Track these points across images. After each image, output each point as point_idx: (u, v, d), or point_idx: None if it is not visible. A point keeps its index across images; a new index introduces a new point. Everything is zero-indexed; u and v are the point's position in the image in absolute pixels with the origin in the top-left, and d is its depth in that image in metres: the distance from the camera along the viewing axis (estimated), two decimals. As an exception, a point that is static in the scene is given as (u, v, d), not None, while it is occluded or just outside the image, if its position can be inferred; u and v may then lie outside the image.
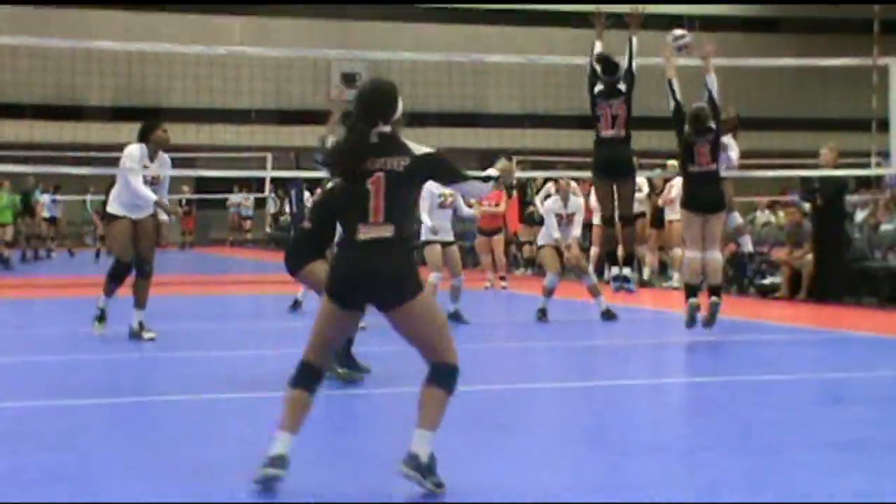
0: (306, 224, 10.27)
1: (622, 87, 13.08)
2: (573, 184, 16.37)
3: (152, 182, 12.62)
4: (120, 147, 13.16)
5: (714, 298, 12.84)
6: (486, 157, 38.03)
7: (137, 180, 12.42)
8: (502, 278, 20.84)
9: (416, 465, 5.94)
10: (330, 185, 9.97)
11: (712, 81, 13.47)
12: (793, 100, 45.00)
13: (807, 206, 18.42)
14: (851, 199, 20.70)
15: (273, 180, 39.83)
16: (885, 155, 20.36)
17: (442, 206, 14.93)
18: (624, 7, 13.63)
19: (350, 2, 48.39)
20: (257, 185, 42.88)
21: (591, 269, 17.14)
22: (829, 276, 17.62)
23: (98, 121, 41.72)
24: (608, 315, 14.85)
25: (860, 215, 20.37)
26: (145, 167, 12.59)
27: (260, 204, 43.50)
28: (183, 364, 11.12)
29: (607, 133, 12.94)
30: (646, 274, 21.79)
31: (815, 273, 17.79)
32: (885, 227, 18.52)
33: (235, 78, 33.90)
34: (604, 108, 12.97)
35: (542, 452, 7.22)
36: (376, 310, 6.13)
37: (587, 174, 20.51)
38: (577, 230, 16.01)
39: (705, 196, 12.95)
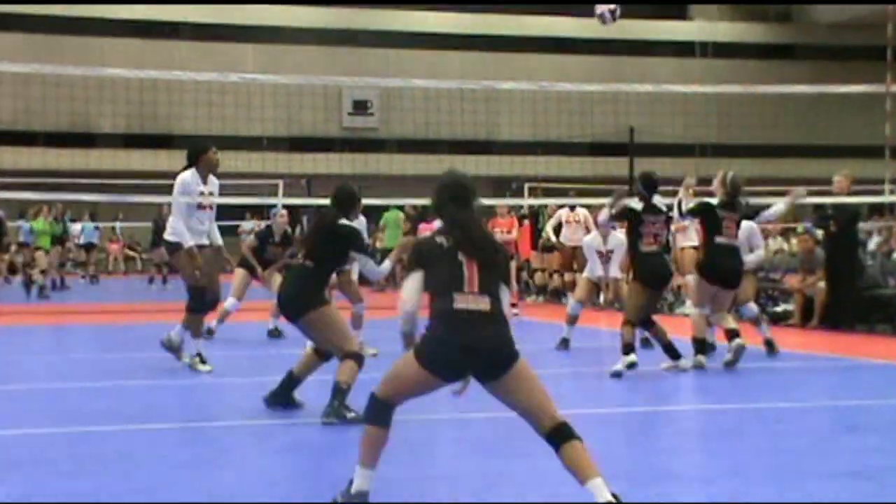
0: (302, 260, 9.63)
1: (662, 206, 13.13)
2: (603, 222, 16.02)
3: (207, 207, 12.35)
4: (132, 174, 13.13)
5: (738, 341, 12.80)
6: (499, 185, 38.13)
7: (180, 218, 12.14)
8: (514, 305, 20.76)
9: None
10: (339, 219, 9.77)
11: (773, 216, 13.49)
12: (807, 127, 45.03)
13: (819, 233, 18.34)
14: (865, 226, 20.64)
15: (285, 207, 39.83)
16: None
17: None
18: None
19: (364, 5, 48.49)
20: (269, 212, 42.92)
21: None
22: (841, 303, 17.54)
23: (110, 147, 41.84)
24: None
25: (873, 243, 20.30)
26: (202, 193, 12.38)
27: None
28: (198, 391, 11.09)
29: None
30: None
31: (828, 300, 17.72)
32: (900, 254, 18.47)
33: (247, 105, 33.96)
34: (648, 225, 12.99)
35: (556, 480, 7.16)
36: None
37: (599, 201, 20.49)
38: (614, 268, 16.08)
39: (729, 268, 12.96)
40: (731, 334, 12.89)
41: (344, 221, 9.74)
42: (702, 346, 12.95)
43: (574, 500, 6.73)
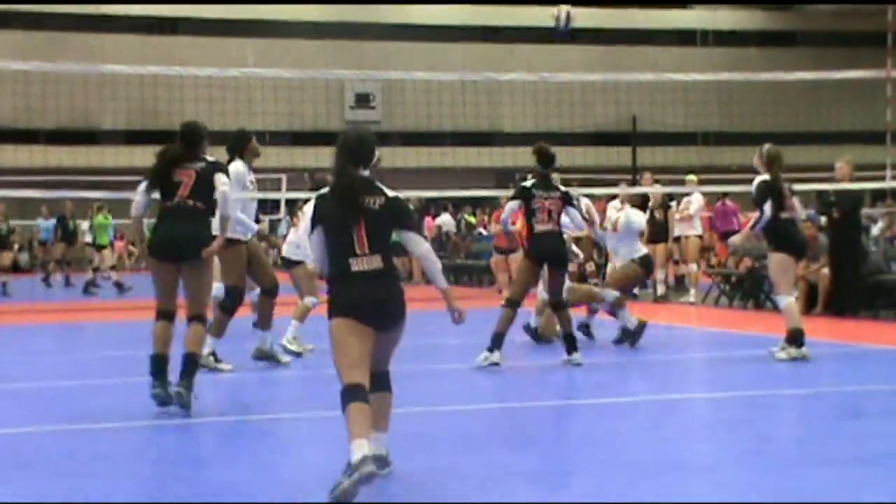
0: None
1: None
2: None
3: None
4: (134, 171, 12.99)
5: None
6: (502, 176, 38.12)
7: (235, 207, 11.63)
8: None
9: (385, 463, 6.72)
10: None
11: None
12: (808, 113, 44.92)
13: (823, 219, 18.32)
14: (868, 212, 20.62)
15: (287, 202, 39.85)
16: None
17: None
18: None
19: (366, 13, 48.49)
20: (271, 207, 42.92)
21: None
22: (845, 289, 17.53)
23: (112, 144, 41.87)
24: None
25: (876, 229, 20.28)
26: (252, 183, 12.27)
27: (273, 226, 43.52)
28: (202, 386, 11.09)
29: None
30: (660, 290, 21.73)
31: (832, 287, 17.71)
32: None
33: (249, 100, 33.98)
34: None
35: (560, 471, 7.18)
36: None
37: (603, 191, 20.49)
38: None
39: (803, 239, 12.91)
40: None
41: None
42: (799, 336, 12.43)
43: (574, 498, 6.75)
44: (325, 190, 6.91)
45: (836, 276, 17.63)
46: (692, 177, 23.02)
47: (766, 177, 12.67)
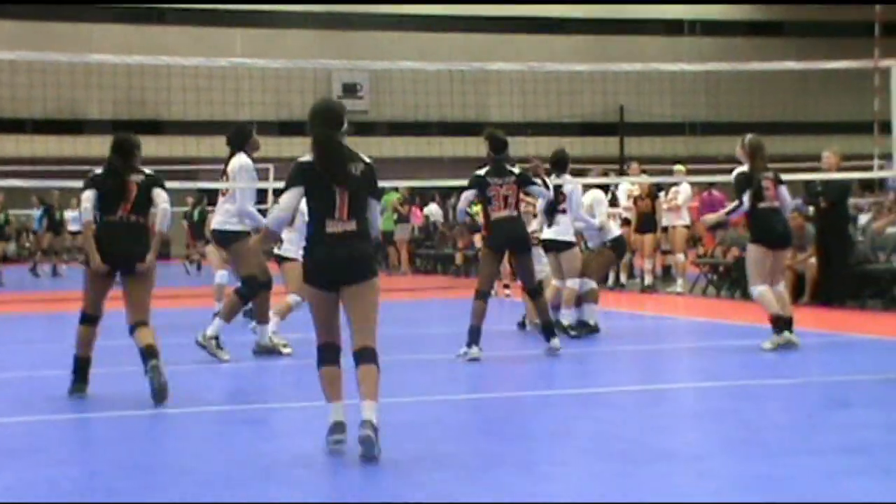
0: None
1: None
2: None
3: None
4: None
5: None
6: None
7: (250, 201, 12.07)
8: (506, 286, 20.67)
9: (374, 429, 6.91)
10: None
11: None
12: (795, 103, 44.99)
13: (810, 209, 18.34)
14: (855, 202, 20.64)
15: (275, 192, 39.83)
16: (887, 157, 20.36)
17: None
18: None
19: (353, 2, 48.38)
20: (259, 197, 42.88)
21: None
22: (832, 279, 17.57)
23: (98, 134, 41.76)
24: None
25: (863, 218, 20.31)
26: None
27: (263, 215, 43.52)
28: (190, 376, 11.08)
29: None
30: (647, 280, 21.78)
31: (819, 277, 17.75)
32: (890, 230, 18.47)
33: (236, 89, 33.91)
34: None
35: (549, 460, 7.19)
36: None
37: (590, 181, 20.52)
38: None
39: (781, 230, 12.84)
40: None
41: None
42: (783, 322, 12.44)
43: (562, 487, 6.77)
44: (307, 157, 7.33)
45: (824, 266, 17.67)
46: (680, 167, 23.04)
47: (744, 168, 12.68)
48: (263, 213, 16.52)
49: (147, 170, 9.97)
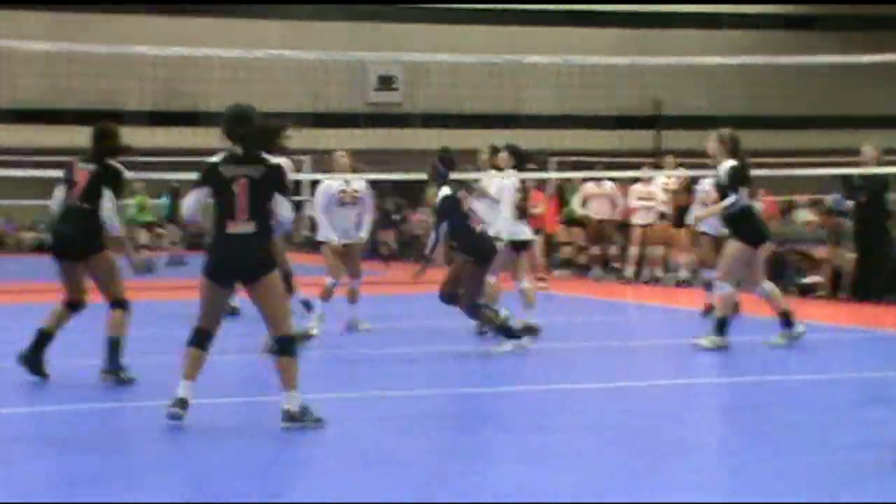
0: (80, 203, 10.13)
1: None
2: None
3: None
4: (159, 151, 13.00)
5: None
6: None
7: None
8: (542, 279, 20.59)
9: (290, 417, 7.61)
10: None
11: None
12: (831, 97, 44.76)
13: (849, 204, 18.13)
14: (894, 197, 20.52)
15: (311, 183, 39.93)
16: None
17: (343, 203, 13.76)
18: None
19: (388, 2, 48.38)
20: (295, 188, 43.01)
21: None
22: (870, 274, 17.49)
23: (137, 125, 41.97)
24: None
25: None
26: None
27: (297, 207, 43.65)
28: (216, 366, 11.13)
29: None
30: (683, 274, 21.67)
31: (857, 271, 17.67)
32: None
33: (273, 81, 33.99)
34: None
35: (579, 454, 7.18)
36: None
37: (626, 174, 20.47)
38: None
39: (763, 227, 12.80)
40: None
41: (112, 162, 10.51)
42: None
43: (573, 479, 6.78)
44: (217, 157, 7.94)
45: (862, 261, 17.59)
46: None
47: (734, 162, 12.38)
48: (298, 205, 16.57)
49: (112, 161, 10.56)
